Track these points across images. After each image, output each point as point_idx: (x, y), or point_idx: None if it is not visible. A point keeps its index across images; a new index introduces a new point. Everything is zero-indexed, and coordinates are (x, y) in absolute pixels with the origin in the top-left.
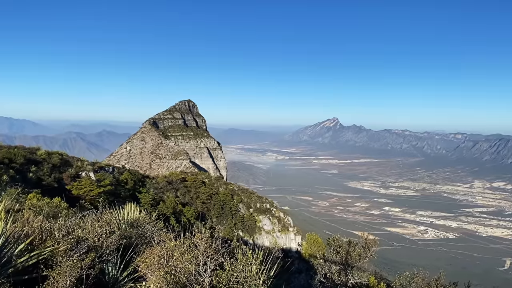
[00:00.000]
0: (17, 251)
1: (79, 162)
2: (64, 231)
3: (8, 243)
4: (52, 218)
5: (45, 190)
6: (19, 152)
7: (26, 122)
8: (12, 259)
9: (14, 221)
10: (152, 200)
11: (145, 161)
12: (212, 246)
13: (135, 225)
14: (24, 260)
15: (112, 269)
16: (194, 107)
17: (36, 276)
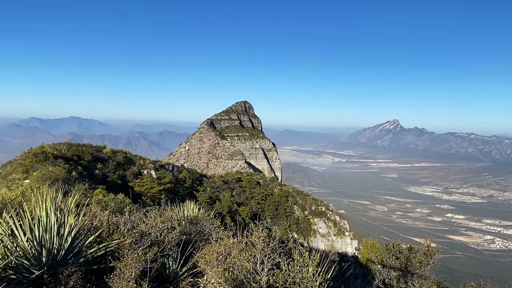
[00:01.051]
0: (87, 242)
1: (141, 160)
2: (129, 226)
3: (79, 235)
4: (117, 213)
5: (109, 186)
6: (87, 150)
7: (93, 122)
8: (82, 249)
9: (83, 215)
10: (208, 199)
11: (203, 161)
12: (270, 245)
13: (194, 222)
14: (93, 251)
15: (173, 264)
16: (250, 108)
17: (104, 266)
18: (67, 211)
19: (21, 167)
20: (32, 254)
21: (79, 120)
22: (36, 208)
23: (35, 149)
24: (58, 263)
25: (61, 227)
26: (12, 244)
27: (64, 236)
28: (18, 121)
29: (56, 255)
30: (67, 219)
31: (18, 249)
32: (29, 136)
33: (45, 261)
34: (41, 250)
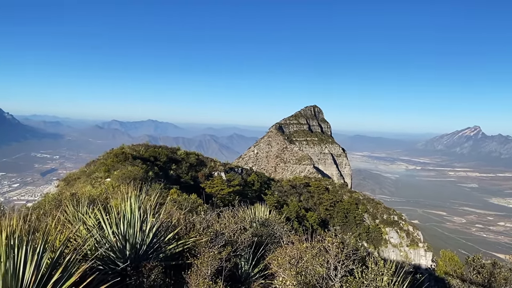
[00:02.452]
0: (166, 239)
1: (212, 162)
2: (204, 225)
3: (159, 232)
4: (190, 213)
5: (183, 187)
6: (163, 152)
7: (169, 125)
8: (162, 246)
9: (160, 213)
10: (276, 203)
11: (271, 164)
12: (344, 251)
13: (265, 224)
14: (172, 247)
15: (245, 264)
16: (320, 112)
17: (181, 263)
18: (149, 208)
19: (103, 167)
20: (118, 248)
21: (155, 123)
22: (121, 204)
23: (116, 150)
24: (140, 257)
25: (143, 223)
26: (100, 237)
27: (146, 232)
28: (101, 124)
29: (138, 250)
30: (149, 216)
31: (106, 242)
32: (110, 137)
33: (129, 255)
34: (126, 244)
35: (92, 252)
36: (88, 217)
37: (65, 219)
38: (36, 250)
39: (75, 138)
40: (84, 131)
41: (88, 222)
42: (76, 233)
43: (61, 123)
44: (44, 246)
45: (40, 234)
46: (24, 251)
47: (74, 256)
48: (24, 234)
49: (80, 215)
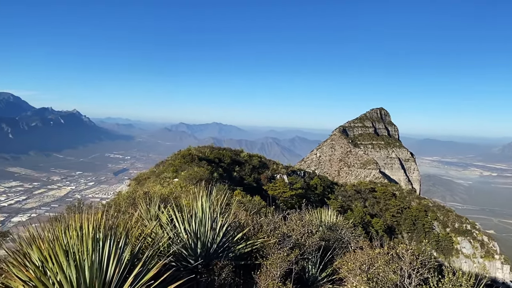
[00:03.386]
0: (235, 239)
1: (275, 165)
2: (271, 226)
3: (228, 232)
4: (256, 214)
5: (246, 188)
6: (227, 153)
7: (232, 128)
8: (231, 245)
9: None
10: (340, 207)
11: (334, 168)
12: (419, 259)
13: (333, 228)
14: (241, 247)
15: (312, 268)
16: (386, 115)
17: (250, 263)
18: (219, 208)
19: (171, 167)
20: (189, 245)
21: (220, 126)
22: (192, 203)
23: (183, 151)
24: (211, 255)
25: (214, 222)
26: (173, 235)
27: (216, 231)
28: (169, 126)
29: (209, 248)
30: (218, 216)
31: (179, 239)
32: (177, 139)
33: (200, 253)
34: (197, 242)
35: (165, 249)
36: (162, 215)
37: (139, 216)
38: (119, 245)
39: (145, 140)
40: (153, 133)
41: (162, 219)
42: (152, 230)
43: (133, 125)
44: (125, 241)
45: (121, 229)
46: (108, 245)
47: (152, 252)
48: (108, 228)
49: (153, 213)
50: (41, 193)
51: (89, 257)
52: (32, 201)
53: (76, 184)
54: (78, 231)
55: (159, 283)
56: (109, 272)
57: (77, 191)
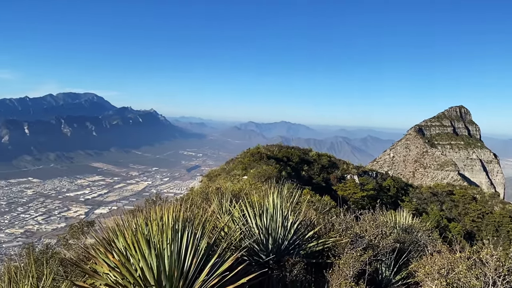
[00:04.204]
0: (306, 237)
1: (345, 165)
2: (343, 226)
3: (298, 229)
4: (325, 213)
5: (314, 188)
6: (295, 152)
7: (301, 126)
8: (302, 243)
9: (301, 211)
10: (414, 210)
11: (408, 169)
12: (505, 265)
13: (408, 231)
14: (312, 245)
15: (386, 270)
16: (467, 113)
17: (321, 261)
18: (289, 205)
19: (241, 165)
20: (261, 240)
21: (288, 125)
22: (263, 200)
23: (252, 150)
24: (282, 251)
25: (285, 219)
26: (246, 230)
27: (288, 228)
28: (239, 125)
29: (280, 244)
30: (289, 213)
31: (251, 234)
32: (246, 138)
33: (271, 248)
34: (268, 237)
35: (237, 243)
36: (235, 210)
37: (212, 211)
38: (196, 236)
39: (216, 138)
40: (224, 131)
41: (234, 214)
42: (225, 224)
43: (205, 124)
44: (201, 232)
45: (197, 221)
46: (186, 235)
47: (226, 244)
48: (185, 220)
49: (226, 208)
50: (120, 187)
51: (168, 246)
52: (112, 195)
53: (153, 179)
54: (159, 221)
55: (233, 275)
56: (187, 261)
57: (153, 186)
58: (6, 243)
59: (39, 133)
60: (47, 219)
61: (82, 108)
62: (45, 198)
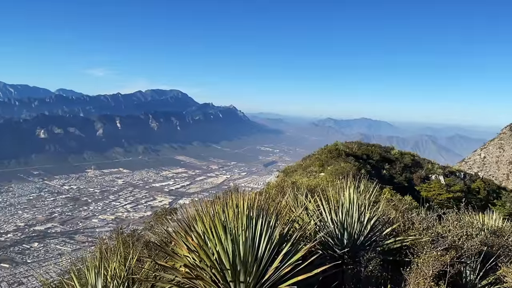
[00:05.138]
0: (383, 234)
1: (429, 164)
2: (424, 225)
3: (375, 226)
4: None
5: (396, 187)
6: (375, 150)
7: (382, 123)
8: (379, 239)
9: (379, 208)
10: (508, 215)
11: (502, 171)
12: None
13: (498, 234)
14: (389, 242)
15: (471, 274)
16: None
17: (399, 259)
18: (367, 201)
19: (317, 161)
20: (335, 234)
21: (369, 122)
22: (339, 194)
23: (329, 146)
24: (357, 246)
25: (361, 215)
26: (320, 222)
27: (364, 224)
28: (316, 121)
29: (356, 239)
30: (366, 209)
31: (325, 227)
32: (324, 134)
33: (346, 243)
34: (344, 232)
35: (311, 235)
36: (309, 203)
37: (286, 204)
38: (270, 224)
39: (293, 134)
40: (301, 128)
41: (309, 207)
42: (299, 216)
43: (282, 120)
44: (275, 221)
45: (272, 211)
46: (260, 223)
47: (300, 234)
48: (260, 209)
49: (301, 201)
50: (201, 179)
51: (243, 232)
52: (194, 186)
53: (231, 173)
54: (235, 208)
55: (306, 264)
56: (260, 248)
57: (231, 180)
58: (99, 228)
59: (129, 127)
60: (135, 207)
61: (168, 104)
62: (133, 187)
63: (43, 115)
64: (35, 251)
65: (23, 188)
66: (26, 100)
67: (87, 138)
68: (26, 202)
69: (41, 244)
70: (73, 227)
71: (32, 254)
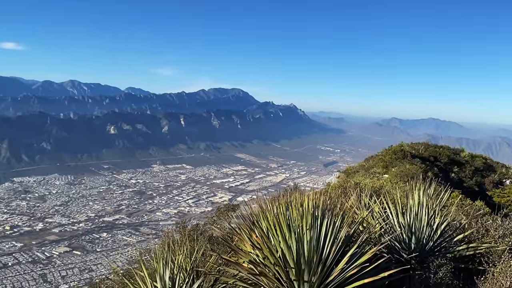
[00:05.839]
0: (454, 240)
1: (504, 168)
2: (500, 232)
3: (445, 231)
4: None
5: (465, 192)
6: (444, 152)
7: (451, 124)
8: (449, 246)
9: (450, 213)
10: None
11: None
12: None
13: None
14: (461, 249)
15: None
16: None
17: (471, 267)
18: (437, 205)
19: (381, 162)
20: (402, 238)
21: (437, 122)
22: (407, 197)
23: (394, 147)
24: (426, 252)
25: (431, 219)
26: (387, 226)
27: (433, 228)
28: (380, 121)
29: (424, 245)
30: (436, 213)
31: (391, 230)
32: (388, 134)
33: (414, 248)
34: (411, 236)
35: (375, 238)
36: (375, 205)
37: (350, 204)
38: (335, 225)
39: (355, 134)
40: (364, 127)
41: (375, 209)
42: (365, 218)
43: (344, 119)
44: (341, 222)
45: (337, 211)
46: (326, 223)
47: (367, 237)
48: (325, 208)
49: (365, 202)
50: (260, 178)
51: (308, 231)
52: (253, 184)
53: (290, 172)
54: (299, 207)
55: (373, 267)
56: (325, 248)
57: (290, 179)
58: (163, 221)
59: (192, 124)
60: (196, 202)
61: (230, 103)
62: (195, 183)
63: (113, 112)
64: (103, 240)
65: (94, 181)
66: (98, 98)
67: (153, 134)
68: (97, 194)
69: (109, 234)
70: (139, 219)
71: (101, 243)
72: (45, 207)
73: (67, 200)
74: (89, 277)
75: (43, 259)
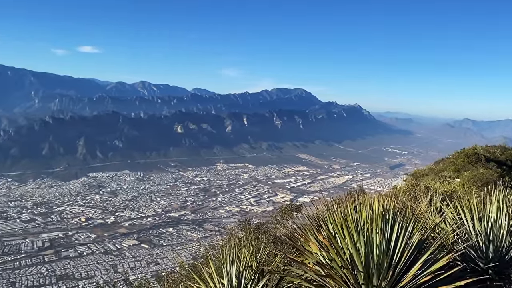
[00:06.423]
0: None
1: None
2: None
3: None
4: None
5: None
6: None
7: None
8: None
9: None
10: None
11: None
12: None
13: None
14: None
15: None
16: None
17: None
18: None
19: (452, 166)
20: (479, 247)
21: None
22: (485, 203)
23: (467, 150)
24: (505, 262)
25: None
26: (461, 233)
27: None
28: (452, 122)
29: (504, 254)
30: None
31: (466, 238)
32: (460, 136)
33: (492, 257)
34: (489, 244)
35: (448, 245)
36: (448, 210)
37: (426, 209)
38: (407, 229)
39: (424, 136)
40: (433, 129)
41: (448, 214)
42: (438, 223)
43: (412, 120)
44: (413, 227)
45: (409, 215)
46: (397, 227)
47: (441, 243)
48: (397, 212)
49: (436, 207)
50: (322, 179)
51: (378, 235)
52: (315, 185)
53: (353, 174)
54: (368, 209)
55: (447, 275)
56: (396, 253)
57: (353, 181)
58: (225, 219)
59: (255, 124)
60: (258, 201)
61: (292, 103)
62: (257, 182)
63: (180, 112)
64: (169, 235)
65: (161, 177)
66: (166, 98)
67: (217, 134)
68: (164, 191)
69: (175, 230)
70: (203, 216)
71: (167, 238)
72: (116, 201)
73: (137, 195)
74: (156, 270)
75: (114, 250)
